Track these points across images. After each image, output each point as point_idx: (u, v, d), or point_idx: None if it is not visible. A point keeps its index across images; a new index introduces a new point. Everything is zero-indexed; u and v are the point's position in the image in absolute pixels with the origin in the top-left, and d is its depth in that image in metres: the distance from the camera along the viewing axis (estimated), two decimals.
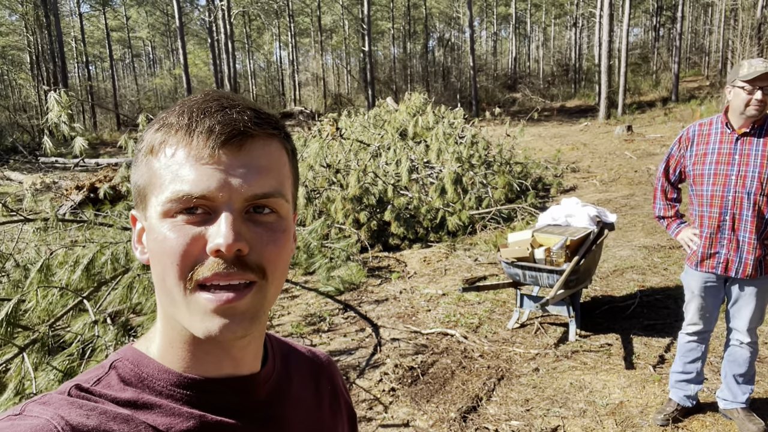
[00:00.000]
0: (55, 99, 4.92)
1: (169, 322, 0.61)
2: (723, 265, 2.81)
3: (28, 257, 5.24)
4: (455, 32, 43.95)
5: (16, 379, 3.20)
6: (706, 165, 2.79)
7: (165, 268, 0.57)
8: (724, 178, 2.73)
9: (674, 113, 21.14)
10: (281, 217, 0.61)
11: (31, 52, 31.94)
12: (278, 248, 0.60)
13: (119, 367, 0.61)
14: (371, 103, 27.36)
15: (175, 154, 0.58)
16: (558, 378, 3.74)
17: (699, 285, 2.93)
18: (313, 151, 7.55)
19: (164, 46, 52.51)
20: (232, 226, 0.56)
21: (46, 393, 0.57)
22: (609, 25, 22.63)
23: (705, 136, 2.83)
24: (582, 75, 37.38)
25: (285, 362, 0.75)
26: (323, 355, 0.85)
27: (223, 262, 0.56)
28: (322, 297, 5.48)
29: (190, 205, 0.56)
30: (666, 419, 3.11)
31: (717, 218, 2.78)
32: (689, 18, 41.72)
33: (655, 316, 4.62)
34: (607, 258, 6.16)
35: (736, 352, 2.93)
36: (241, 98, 0.62)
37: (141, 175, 0.61)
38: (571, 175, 11.83)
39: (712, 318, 2.99)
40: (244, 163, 0.58)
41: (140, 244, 0.64)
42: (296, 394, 0.72)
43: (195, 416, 0.60)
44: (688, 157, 2.89)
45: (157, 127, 0.60)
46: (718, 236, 2.80)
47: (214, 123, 0.57)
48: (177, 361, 0.62)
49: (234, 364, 0.63)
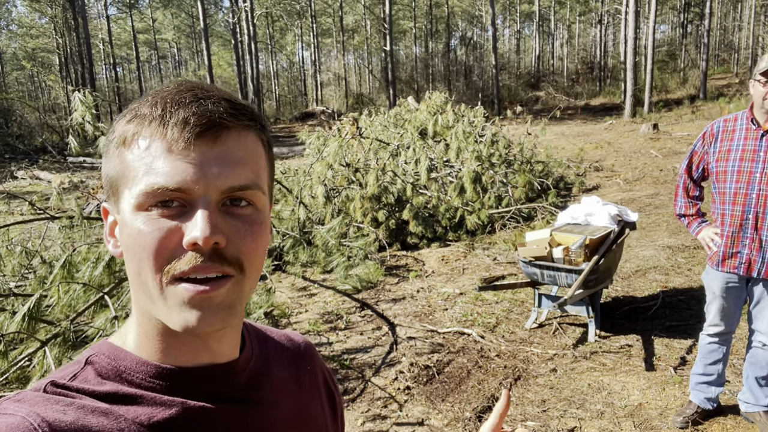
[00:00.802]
0: (79, 99, 5.02)
1: (145, 315, 0.61)
2: (745, 265, 2.74)
3: (53, 254, 5.37)
4: (477, 30, 43.72)
5: (39, 373, 3.27)
6: (730, 162, 2.72)
7: (141, 262, 0.56)
8: (748, 176, 2.65)
9: (702, 111, 20.69)
10: (258, 209, 0.60)
11: (59, 54, 32.71)
12: (255, 241, 0.59)
13: (95, 362, 0.61)
14: (392, 102, 27.36)
15: (149, 147, 0.56)
16: (576, 379, 3.69)
17: (720, 285, 2.85)
18: (332, 150, 7.57)
19: (189, 47, 53.28)
20: (209, 219, 0.55)
21: (21, 391, 0.57)
22: (635, 22, 22.25)
23: (729, 132, 2.75)
24: (607, 73, 36.85)
25: (263, 347, 0.75)
26: (300, 338, 0.85)
27: (200, 255, 0.55)
28: (340, 295, 5.50)
29: (165, 198, 0.56)
30: (686, 421, 3.04)
31: (740, 216, 2.70)
32: (718, 14, 40.79)
33: (677, 318, 4.53)
34: (629, 258, 6.06)
35: (759, 354, 2.84)
36: (216, 88, 0.61)
37: (113, 167, 0.60)
38: (594, 174, 11.67)
39: (734, 319, 2.91)
40: (220, 155, 0.57)
41: (113, 237, 0.63)
42: (276, 377, 0.73)
43: (176, 404, 0.59)
44: (712, 154, 2.82)
45: (129, 118, 0.59)
46: (741, 235, 2.72)
47: (189, 114, 0.56)
48: (154, 353, 0.61)
49: (211, 354, 0.63)
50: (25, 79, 47.89)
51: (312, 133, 8.68)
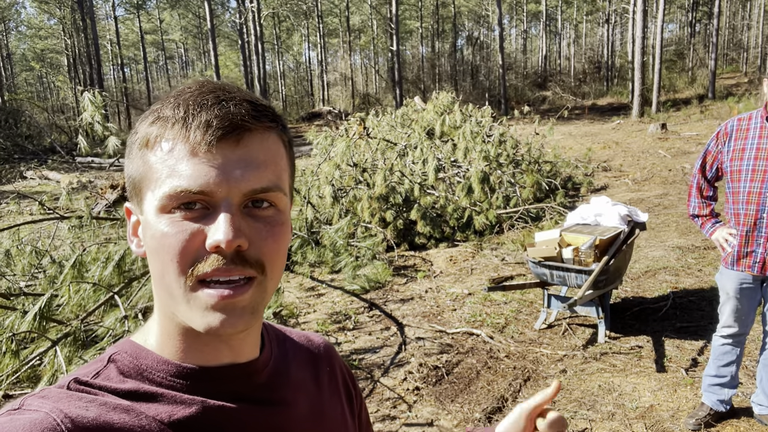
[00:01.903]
0: (89, 99, 5.04)
1: (167, 315, 0.61)
2: (759, 264, 2.71)
3: (63, 254, 5.39)
4: (484, 30, 43.65)
5: (50, 372, 3.29)
6: (744, 161, 2.69)
7: (164, 264, 0.57)
8: (763, 174, 2.63)
9: (710, 111, 20.56)
10: (279, 210, 0.61)
11: (68, 54, 32.92)
12: (277, 242, 0.60)
13: (118, 359, 0.61)
14: (399, 102, 27.35)
15: (171, 149, 0.57)
16: (586, 380, 3.67)
17: (734, 286, 2.83)
18: (340, 150, 7.58)
19: (196, 48, 53.48)
20: (232, 222, 0.55)
21: (45, 387, 0.58)
22: (643, 21, 22.13)
23: (744, 131, 2.73)
24: (614, 72, 36.67)
25: (282, 348, 0.75)
26: (319, 338, 0.85)
27: (223, 258, 0.56)
28: (348, 295, 5.49)
29: (188, 200, 0.56)
30: (698, 424, 3.01)
31: (754, 216, 2.68)
32: (726, 13, 40.51)
33: (688, 319, 4.50)
34: (639, 258, 6.02)
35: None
36: (238, 89, 0.61)
37: (136, 168, 0.60)
38: (602, 174, 11.61)
39: (748, 321, 2.89)
40: (242, 157, 0.57)
41: (136, 237, 0.64)
42: (295, 376, 0.73)
43: (196, 402, 0.60)
44: (726, 153, 2.79)
45: (152, 120, 0.59)
46: (755, 234, 2.70)
47: (212, 117, 0.56)
48: (175, 353, 0.62)
49: (233, 354, 0.64)
50: (34, 80, 48.26)
51: (319, 133, 8.70)
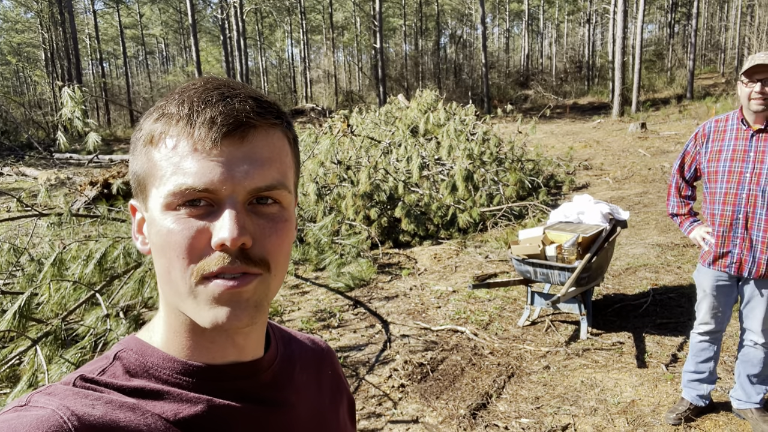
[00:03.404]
0: (68, 95, 4.96)
1: (173, 312, 0.61)
2: (736, 265, 2.76)
3: (42, 251, 5.30)
4: (467, 29, 43.79)
5: (30, 372, 3.23)
6: (721, 162, 2.74)
7: (170, 261, 0.57)
8: (739, 176, 2.67)
9: (689, 110, 20.90)
10: (283, 207, 0.61)
11: (45, 49, 32.30)
12: (281, 239, 0.60)
13: (123, 357, 0.61)
14: (382, 100, 27.35)
15: (176, 146, 0.57)
16: (569, 376, 3.71)
17: (711, 284, 2.88)
18: (324, 148, 7.56)
19: (177, 43, 52.82)
20: (236, 220, 0.55)
21: (51, 384, 0.58)
22: (623, 22, 22.40)
23: (720, 133, 2.78)
24: (595, 72, 37.07)
25: (287, 348, 0.75)
26: (323, 342, 0.86)
27: (228, 255, 0.56)
28: (333, 293, 5.48)
29: (192, 197, 0.56)
30: (678, 418, 3.07)
31: (730, 216, 2.72)
32: (705, 14, 41.17)
33: (668, 315, 4.58)
34: (619, 256, 6.11)
35: (750, 352, 2.88)
36: (242, 85, 0.61)
37: (140, 165, 0.60)
38: (584, 173, 11.75)
39: (725, 318, 2.94)
40: (247, 154, 0.57)
41: (141, 234, 0.64)
42: (299, 378, 0.73)
43: (202, 401, 0.60)
44: (703, 154, 2.84)
45: (156, 117, 0.59)
46: (731, 235, 2.74)
47: (216, 114, 0.56)
48: (181, 350, 0.62)
49: (238, 352, 0.64)
50: (10, 75, 47.26)
51: (303, 130, 8.66)
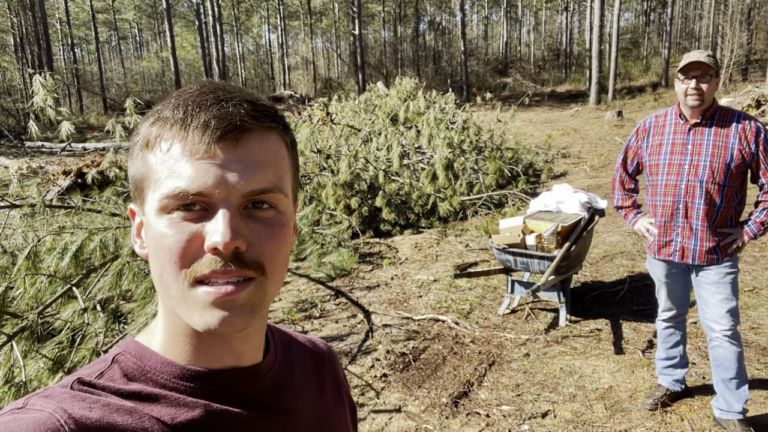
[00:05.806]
0: (40, 82, 4.82)
1: (171, 316, 0.61)
2: (679, 252, 2.86)
3: (15, 243, 5.18)
4: (446, 16, 43.65)
5: (5, 367, 3.17)
6: (661, 155, 2.85)
7: (163, 264, 0.57)
8: (678, 168, 2.79)
9: (664, 98, 21.22)
10: (280, 212, 0.60)
11: (14, 34, 31.33)
12: (277, 244, 0.59)
13: (122, 360, 0.61)
14: (362, 87, 27.19)
15: (170, 150, 0.57)
16: (548, 363, 3.77)
17: (662, 272, 3.00)
18: (303, 137, 7.49)
19: (151, 28, 51.70)
20: (230, 224, 0.55)
21: (49, 386, 0.57)
22: (600, 10, 22.55)
23: (660, 127, 2.90)
24: (573, 60, 37.33)
25: (287, 352, 0.75)
26: (323, 344, 0.85)
27: (221, 259, 0.56)
28: (314, 283, 5.47)
29: (186, 201, 0.56)
30: (655, 403, 3.15)
31: (671, 207, 2.83)
32: (680, 2, 41.66)
33: (644, 302, 4.67)
34: (597, 243, 6.20)
35: (720, 354, 2.84)
36: (239, 89, 0.61)
37: (137, 169, 0.60)
38: (562, 161, 11.86)
39: (684, 302, 3.05)
40: (241, 158, 0.57)
41: (139, 238, 0.64)
42: (299, 382, 0.73)
43: (200, 406, 0.60)
44: (645, 148, 2.95)
45: (152, 121, 0.59)
46: (672, 224, 2.85)
47: (210, 117, 0.56)
48: (180, 354, 0.62)
49: (236, 357, 0.64)
50: None
51: None
